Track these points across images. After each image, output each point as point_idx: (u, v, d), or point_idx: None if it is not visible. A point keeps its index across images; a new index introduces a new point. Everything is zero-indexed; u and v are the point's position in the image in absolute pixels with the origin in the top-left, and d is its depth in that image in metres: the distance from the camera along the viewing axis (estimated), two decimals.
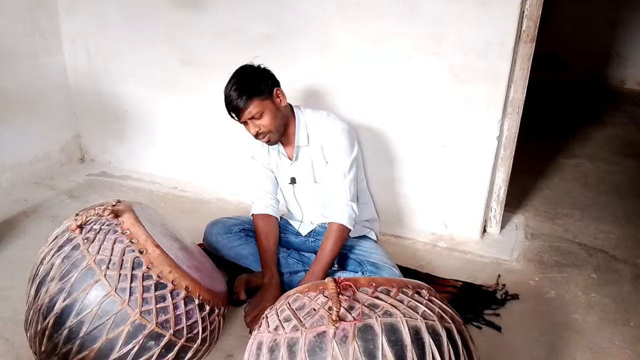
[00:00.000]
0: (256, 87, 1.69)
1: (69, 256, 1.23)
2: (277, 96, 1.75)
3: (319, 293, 1.07)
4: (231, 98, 1.68)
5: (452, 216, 2.28)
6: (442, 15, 1.99)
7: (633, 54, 5.78)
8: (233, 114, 1.71)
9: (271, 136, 1.75)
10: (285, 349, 0.98)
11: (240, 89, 1.67)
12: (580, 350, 1.61)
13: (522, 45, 1.99)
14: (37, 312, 1.22)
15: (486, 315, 1.75)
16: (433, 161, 2.21)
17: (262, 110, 1.68)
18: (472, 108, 2.07)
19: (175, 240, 1.45)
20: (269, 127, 1.72)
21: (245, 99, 1.66)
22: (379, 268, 1.79)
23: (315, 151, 1.83)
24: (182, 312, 1.24)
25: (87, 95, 2.90)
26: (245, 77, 1.71)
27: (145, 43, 2.64)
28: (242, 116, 1.69)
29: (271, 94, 1.72)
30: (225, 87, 1.70)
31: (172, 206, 2.52)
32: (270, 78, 1.76)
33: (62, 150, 2.95)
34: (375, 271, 1.78)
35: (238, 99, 1.66)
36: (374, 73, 2.18)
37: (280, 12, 2.27)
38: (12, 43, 2.59)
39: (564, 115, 4.71)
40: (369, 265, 1.82)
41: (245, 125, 1.74)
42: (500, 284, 1.94)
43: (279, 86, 1.78)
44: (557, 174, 3.17)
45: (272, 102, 1.72)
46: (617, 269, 2.10)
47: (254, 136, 1.75)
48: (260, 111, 1.68)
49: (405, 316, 0.98)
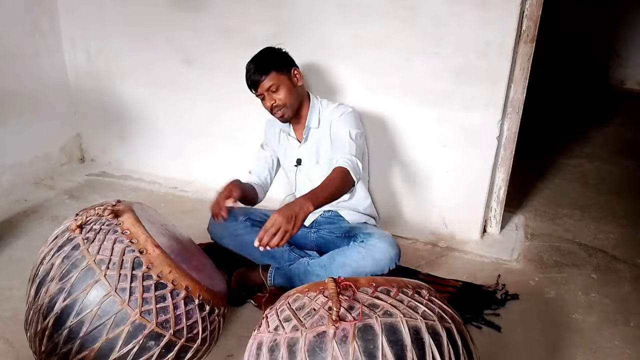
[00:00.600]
0: (275, 62, 1.80)
1: (69, 256, 1.23)
2: (295, 75, 1.85)
3: (319, 293, 1.07)
4: (251, 72, 1.78)
5: (452, 216, 2.28)
6: (442, 16, 1.99)
7: (633, 54, 5.78)
8: (252, 86, 1.80)
9: (285, 111, 1.82)
10: (285, 349, 0.98)
11: (260, 62, 1.79)
12: (580, 350, 1.61)
13: (522, 45, 1.99)
14: (37, 312, 1.22)
15: (486, 315, 1.75)
16: (433, 161, 2.21)
17: (278, 84, 1.78)
18: (472, 108, 2.07)
19: (175, 240, 1.45)
20: (284, 101, 1.80)
21: (263, 70, 1.77)
22: (371, 235, 1.76)
23: (324, 133, 1.89)
24: (182, 312, 1.24)
25: (87, 95, 2.90)
26: (266, 54, 1.85)
27: (146, 43, 2.64)
28: (259, 87, 1.78)
29: (289, 71, 1.83)
30: (247, 63, 1.81)
31: (172, 206, 2.52)
32: (288, 58, 1.87)
33: (62, 150, 2.95)
34: (367, 239, 1.74)
35: (257, 70, 1.77)
36: (374, 73, 2.18)
37: (281, 13, 2.27)
38: (12, 43, 2.59)
39: (564, 115, 4.71)
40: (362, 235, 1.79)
41: (262, 99, 1.82)
42: (500, 284, 1.94)
43: (296, 66, 1.87)
44: (557, 174, 3.17)
45: (289, 78, 1.82)
46: (617, 269, 2.10)
47: (269, 110, 1.82)
48: (276, 84, 1.78)
49: (405, 316, 0.98)
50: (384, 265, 1.68)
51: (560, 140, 3.81)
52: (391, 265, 1.69)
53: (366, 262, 1.68)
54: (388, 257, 1.68)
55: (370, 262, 1.68)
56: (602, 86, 5.81)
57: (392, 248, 1.70)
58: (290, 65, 1.86)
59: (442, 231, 2.32)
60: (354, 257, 1.70)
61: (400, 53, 2.10)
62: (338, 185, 1.57)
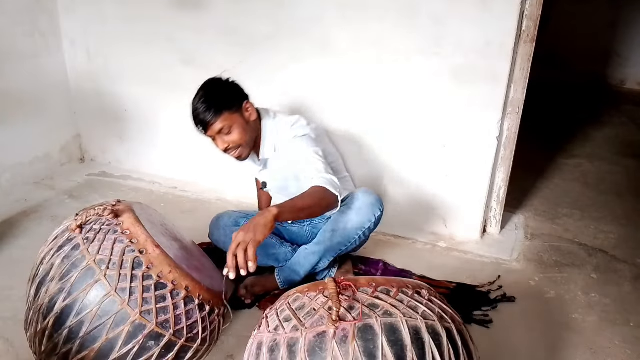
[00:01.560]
0: (225, 100, 1.64)
1: (69, 256, 1.23)
2: (247, 110, 1.71)
3: (319, 293, 1.07)
4: (199, 111, 1.62)
5: (452, 216, 2.28)
6: (442, 15, 1.99)
7: (633, 54, 5.78)
8: (200, 127, 1.66)
9: (241, 151, 1.71)
10: (285, 349, 0.98)
11: (208, 102, 1.62)
12: (580, 350, 1.61)
13: (522, 45, 1.99)
14: (37, 312, 1.22)
15: (476, 317, 1.74)
16: (433, 161, 2.21)
17: (231, 125, 1.64)
18: (472, 108, 2.07)
19: (175, 240, 1.45)
20: (239, 142, 1.68)
21: (214, 112, 1.61)
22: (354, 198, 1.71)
23: (284, 156, 1.77)
24: (182, 312, 1.24)
25: (87, 95, 2.90)
26: (213, 90, 1.67)
27: (146, 43, 2.64)
28: (209, 130, 1.65)
29: (240, 107, 1.68)
30: (193, 100, 1.66)
31: (172, 206, 2.52)
32: (239, 91, 1.72)
33: (62, 150, 2.95)
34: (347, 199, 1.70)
35: (206, 112, 1.61)
36: (374, 73, 2.18)
37: (281, 13, 2.27)
38: (12, 43, 2.59)
39: (564, 115, 4.71)
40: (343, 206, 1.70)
41: (213, 140, 1.69)
42: (496, 284, 1.94)
43: (248, 99, 1.73)
44: (557, 174, 3.17)
45: (241, 116, 1.68)
46: (617, 269, 2.10)
47: (223, 152, 1.70)
48: (229, 125, 1.64)
49: (405, 316, 0.98)
50: (367, 212, 1.68)
51: (560, 140, 3.81)
52: (374, 211, 1.69)
53: (350, 215, 1.68)
54: (368, 203, 1.68)
55: (353, 212, 1.68)
56: (602, 86, 5.81)
57: (369, 194, 1.70)
58: (241, 99, 1.70)
59: (442, 231, 2.32)
60: (338, 218, 1.70)
61: (400, 53, 2.10)
62: (310, 201, 1.46)
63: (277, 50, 2.32)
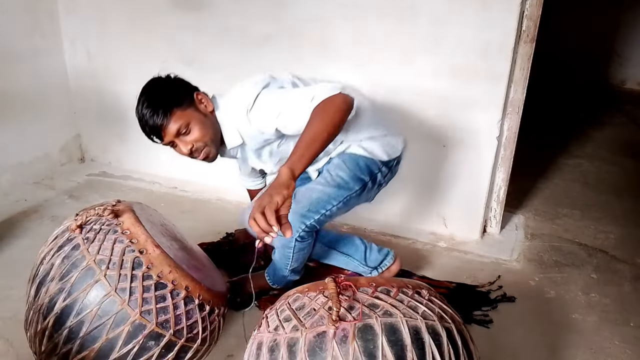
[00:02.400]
0: (171, 97, 1.44)
1: (69, 256, 1.23)
2: (200, 102, 1.50)
3: (319, 293, 1.07)
4: (146, 118, 1.42)
5: (452, 216, 2.29)
6: (442, 15, 1.99)
7: (633, 54, 5.78)
8: (154, 136, 1.45)
9: (208, 150, 1.50)
10: (285, 349, 0.98)
11: (153, 105, 1.42)
12: (580, 350, 1.61)
13: (522, 45, 1.99)
14: (37, 312, 1.22)
15: (476, 316, 1.74)
16: (433, 161, 2.21)
17: (187, 122, 1.43)
18: (472, 108, 2.07)
19: (175, 240, 1.45)
20: (203, 140, 1.47)
21: (163, 113, 1.41)
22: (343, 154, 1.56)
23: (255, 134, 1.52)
24: (182, 312, 1.24)
25: (87, 95, 2.90)
26: (155, 91, 1.47)
27: (146, 43, 2.64)
28: (166, 135, 1.44)
29: (192, 101, 1.48)
30: (136, 108, 1.45)
31: (172, 206, 2.52)
32: (185, 85, 1.53)
33: (62, 150, 2.95)
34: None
35: (154, 116, 1.41)
36: (374, 73, 2.18)
37: (281, 13, 2.27)
38: (12, 43, 2.59)
39: (564, 115, 4.71)
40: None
41: (173, 147, 1.49)
42: (496, 284, 1.94)
43: (198, 90, 1.53)
44: (557, 174, 3.17)
45: (196, 110, 1.48)
46: (617, 269, 2.10)
47: (188, 155, 1.50)
48: (185, 123, 1.43)
49: (405, 316, 0.98)
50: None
51: (560, 140, 3.81)
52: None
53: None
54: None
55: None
56: (602, 86, 5.81)
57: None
58: (191, 92, 1.50)
59: (442, 231, 2.32)
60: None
61: (400, 53, 2.10)
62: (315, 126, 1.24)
63: (277, 50, 2.32)
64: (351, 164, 1.61)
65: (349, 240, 1.85)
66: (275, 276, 1.78)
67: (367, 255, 1.82)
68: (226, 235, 2.21)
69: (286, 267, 1.71)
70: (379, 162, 1.65)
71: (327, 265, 1.93)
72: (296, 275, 1.78)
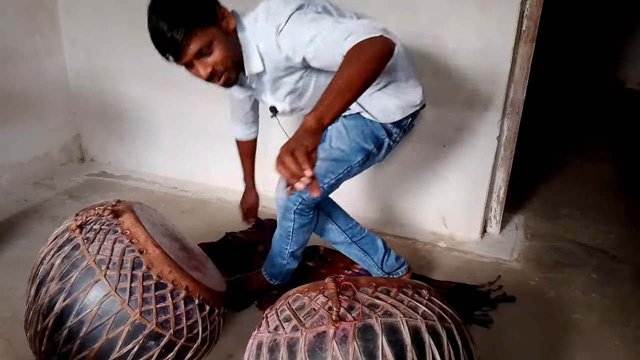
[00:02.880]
0: (193, 11, 1.23)
1: (69, 256, 1.23)
2: (223, 17, 1.30)
3: (319, 293, 1.07)
4: (162, 31, 1.22)
5: (452, 216, 2.28)
6: (442, 15, 1.99)
7: (633, 54, 5.79)
8: (170, 55, 1.28)
9: (228, 75, 1.33)
10: (285, 349, 0.98)
11: (172, 19, 1.21)
12: (580, 350, 1.61)
13: (522, 45, 1.99)
14: (37, 312, 1.22)
15: (476, 316, 1.74)
16: (433, 161, 2.21)
17: (209, 41, 1.25)
18: (472, 108, 2.07)
19: (175, 240, 1.45)
20: (225, 63, 1.29)
21: (184, 30, 1.21)
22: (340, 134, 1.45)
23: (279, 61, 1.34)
24: (182, 312, 1.24)
25: (87, 95, 2.90)
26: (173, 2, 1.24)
27: (146, 43, 2.62)
28: (184, 55, 1.26)
29: (215, 16, 1.28)
30: (148, 20, 1.27)
31: (172, 206, 2.52)
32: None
33: (62, 150, 2.95)
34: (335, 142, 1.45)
35: (173, 31, 1.21)
36: None
37: None
38: (12, 43, 2.59)
39: (564, 115, 4.71)
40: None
41: (189, 68, 1.32)
42: (496, 284, 1.94)
43: (219, 4, 1.32)
44: (557, 174, 3.17)
45: (218, 27, 1.28)
46: (617, 269, 2.10)
47: (207, 79, 1.32)
48: (207, 42, 1.25)
49: (405, 316, 0.98)
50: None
51: (561, 140, 3.81)
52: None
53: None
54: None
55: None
56: (602, 86, 5.81)
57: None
58: (212, 5, 1.29)
59: (442, 231, 2.32)
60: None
61: None
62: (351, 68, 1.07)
63: None
64: (353, 131, 1.48)
65: (372, 240, 1.81)
66: (273, 267, 1.75)
67: (385, 260, 1.80)
68: (226, 235, 2.21)
69: (285, 249, 1.66)
70: (389, 125, 1.49)
71: (328, 263, 1.92)
72: (294, 262, 1.73)
